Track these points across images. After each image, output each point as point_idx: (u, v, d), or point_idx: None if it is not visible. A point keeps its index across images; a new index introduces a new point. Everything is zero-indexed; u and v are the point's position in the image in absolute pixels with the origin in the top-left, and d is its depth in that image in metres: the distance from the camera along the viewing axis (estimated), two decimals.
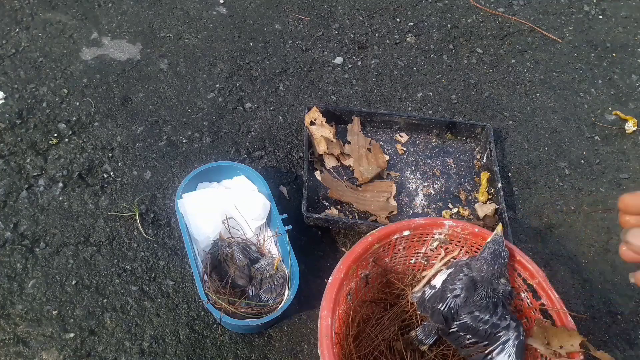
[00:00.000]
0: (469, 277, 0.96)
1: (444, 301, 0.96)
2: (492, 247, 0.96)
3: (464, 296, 0.95)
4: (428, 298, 1.00)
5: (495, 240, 0.97)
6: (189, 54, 1.62)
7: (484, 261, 0.96)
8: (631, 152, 1.51)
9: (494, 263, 0.95)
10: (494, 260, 0.95)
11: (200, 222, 1.16)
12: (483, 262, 0.96)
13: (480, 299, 0.95)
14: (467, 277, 0.96)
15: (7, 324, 1.12)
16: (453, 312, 0.96)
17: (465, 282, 0.96)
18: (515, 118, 1.56)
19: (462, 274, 0.97)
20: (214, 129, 1.46)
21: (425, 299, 1.00)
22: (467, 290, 0.95)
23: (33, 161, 1.36)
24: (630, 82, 1.67)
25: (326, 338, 0.86)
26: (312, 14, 1.77)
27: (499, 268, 0.95)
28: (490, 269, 0.95)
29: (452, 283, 0.97)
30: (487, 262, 0.95)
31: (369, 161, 1.40)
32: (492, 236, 0.98)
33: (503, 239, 0.97)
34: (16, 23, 1.64)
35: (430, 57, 1.69)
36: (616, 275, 1.28)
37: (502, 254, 0.96)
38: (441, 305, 0.96)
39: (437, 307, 0.97)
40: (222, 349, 1.12)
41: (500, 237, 0.97)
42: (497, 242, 0.97)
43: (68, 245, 1.23)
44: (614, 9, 1.87)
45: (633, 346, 1.18)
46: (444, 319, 0.96)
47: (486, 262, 0.95)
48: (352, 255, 0.97)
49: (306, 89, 1.58)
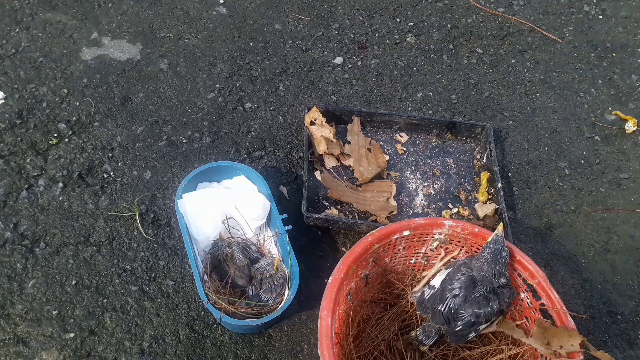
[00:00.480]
0: (467, 275, 0.96)
1: (443, 302, 0.96)
2: (492, 247, 0.96)
3: (463, 295, 0.95)
4: (427, 298, 1.00)
5: (496, 240, 0.97)
6: (189, 54, 1.62)
7: (484, 260, 0.96)
8: (631, 152, 1.51)
9: (495, 262, 0.95)
10: (495, 260, 0.95)
11: (200, 222, 1.16)
12: (483, 261, 0.96)
13: (479, 296, 0.95)
14: (465, 276, 0.96)
15: (7, 324, 1.12)
16: (453, 312, 0.96)
17: (463, 281, 0.96)
18: (515, 118, 1.56)
19: (460, 273, 0.97)
20: (214, 129, 1.46)
21: (425, 299, 1.00)
22: (465, 289, 0.95)
23: (33, 161, 1.36)
24: (630, 82, 1.67)
25: (326, 338, 0.86)
26: (312, 14, 1.77)
27: (499, 267, 0.95)
28: (490, 268, 0.95)
29: (450, 283, 0.97)
30: (488, 262, 0.95)
31: (369, 161, 1.40)
32: (493, 236, 0.98)
33: (504, 239, 0.97)
34: (16, 23, 1.64)
35: (430, 57, 1.69)
36: (616, 275, 1.28)
37: (503, 253, 0.96)
38: (441, 307, 0.97)
39: (437, 308, 0.97)
40: (222, 349, 1.12)
41: (501, 237, 0.97)
42: (497, 241, 0.97)
43: (68, 245, 1.23)
44: (614, 9, 1.87)
45: (633, 346, 1.18)
46: (445, 320, 0.96)
47: (487, 262, 0.95)
48: (352, 255, 0.97)
49: (306, 89, 1.58)
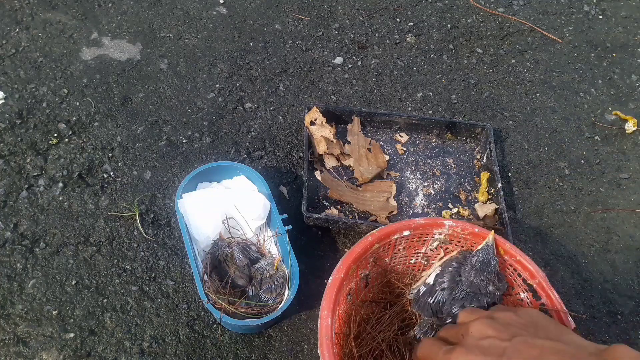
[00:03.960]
0: (456, 268, 0.97)
1: (432, 295, 0.97)
2: (481, 256, 0.96)
3: (451, 287, 0.95)
4: (422, 294, 1.00)
5: (484, 249, 0.97)
6: (189, 54, 1.62)
7: (472, 267, 0.96)
8: (631, 152, 1.51)
9: (483, 271, 0.95)
10: (483, 268, 0.95)
11: (200, 222, 1.16)
12: (471, 268, 0.96)
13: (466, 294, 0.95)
14: (454, 268, 0.97)
15: (7, 324, 1.12)
16: (441, 305, 0.96)
17: (452, 273, 0.96)
18: (515, 118, 1.56)
19: (451, 267, 0.97)
20: (214, 129, 1.46)
21: (420, 295, 1.01)
22: (454, 281, 0.96)
23: (33, 161, 1.36)
24: (630, 82, 1.67)
25: (326, 339, 0.86)
26: (312, 14, 1.77)
27: (487, 275, 0.95)
28: (478, 275, 0.95)
29: (441, 277, 0.98)
30: (476, 270, 0.95)
31: (369, 161, 1.40)
32: (483, 244, 0.97)
33: (494, 248, 0.97)
34: (16, 23, 1.64)
35: (430, 57, 1.69)
36: (616, 275, 1.28)
37: (492, 262, 0.95)
38: (430, 299, 0.97)
39: (427, 301, 0.98)
40: (222, 349, 1.12)
41: (491, 246, 0.97)
42: (486, 251, 0.96)
43: (68, 245, 1.23)
44: (614, 9, 1.87)
45: (633, 346, 1.17)
46: (433, 312, 0.96)
47: (474, 269, 0.95)
48: (352, 256, 0.96)
49: (306, 89, 1.58)
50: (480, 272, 0.95)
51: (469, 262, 0.97)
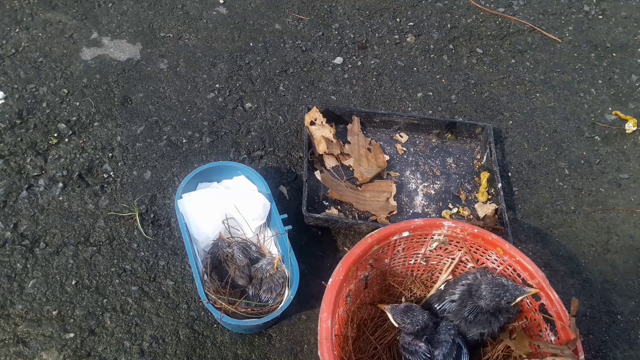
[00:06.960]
0: (470, 283, 0.97)
1: (441, 302, 0.97)
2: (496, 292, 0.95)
3: (459, 304, 0.96)
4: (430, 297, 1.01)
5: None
6: (189, 54, 1.62)
7: (487, 293, 0.95)
8: (631, 152, 1.51)
9: (497, 300, 0.95)
10: (494, 298, 0.95)
11: (200, 222, 1.16)
12: (486, 294, 0.95)
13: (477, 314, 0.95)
14: (468, 284, 0.97)
15: (7, 324, 1.12)
16: (446, 313, 0.97)
17: (464, 288, 0.97)
18: (515, 118, 1.56)
19: (466, 280, 0.97)
20: (214, 129, 1.46)
21: (431, 302, 1.01)
22: (464, 297, 0.96)
23: (33, 161, 1.36)
24: (630, 82, 1.67)
25: (326, 340, 0.86)
26: (312, 14, 1.77)
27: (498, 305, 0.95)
28: (489, 303, 0.95)
29: (453, 287, 0.98)
30: (486, 300, 0.95)
31: (369, 161, 1.40)
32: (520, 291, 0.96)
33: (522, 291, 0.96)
34: (16, 23, 1.64)
35: (430, 57, 1.69)
36: (616, 275, 1.28)
37: (503, 300, 0.95)
38: (437, 305, 0.97)
39: (433, 305, 0.98)
40: (222, 349, 1.12)
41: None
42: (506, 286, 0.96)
43: (68, 245, 1.23)
44: (614, 9, 1.87)
45: (633, 346, 1.18)
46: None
47: (484, 300, 0.95)
48: (352, 257, 0.97)
49: (306, 89, 1.58)
50: (494, 299, 0.94)
51: (480, 289, 0.95)
